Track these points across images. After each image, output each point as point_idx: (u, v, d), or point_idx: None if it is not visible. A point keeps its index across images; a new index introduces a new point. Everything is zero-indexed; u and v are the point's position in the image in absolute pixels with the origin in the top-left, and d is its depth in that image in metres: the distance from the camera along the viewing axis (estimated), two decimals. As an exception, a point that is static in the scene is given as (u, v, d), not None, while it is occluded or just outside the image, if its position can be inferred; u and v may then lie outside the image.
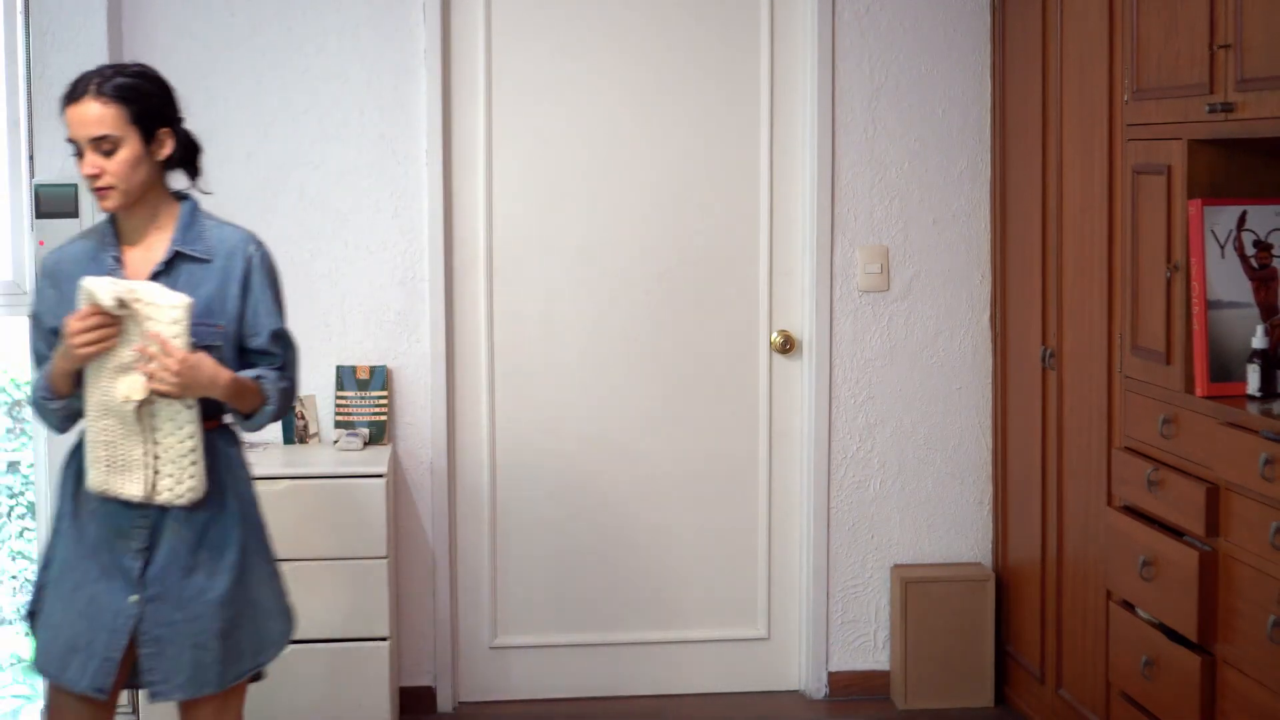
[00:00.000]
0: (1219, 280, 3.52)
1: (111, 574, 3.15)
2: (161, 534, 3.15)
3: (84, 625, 3.14)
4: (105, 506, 3.14)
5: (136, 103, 3.14)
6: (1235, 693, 3.38)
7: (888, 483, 5.01)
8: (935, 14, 4.91)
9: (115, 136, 3.12)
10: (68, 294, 3.15)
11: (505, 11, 4.83)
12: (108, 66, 3.20)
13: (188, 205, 3.29)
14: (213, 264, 3.21)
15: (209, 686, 3.17)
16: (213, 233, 3.26)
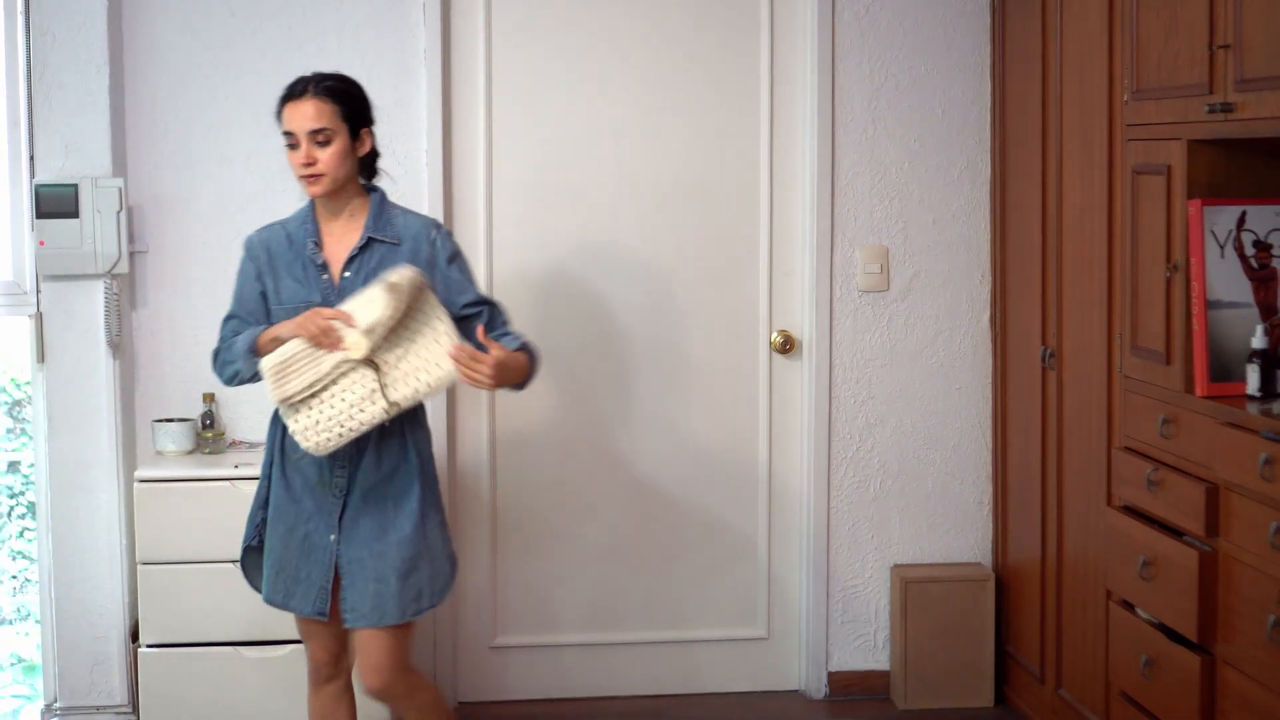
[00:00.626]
0: (1219, 280, 3.52)
1: (317, 515, 3.63)
2: (355, 482, 3.61)
3: (302, 560, 3.64)
4: (304, 460, 3.61)
5: (347, 103, 3.61)
6: (1235, 693, 3.38)
7: (888, 483, 5.02)
8: (935, 14, 4.91)
9: (329, 130, 3.57)
10: (271, 267, 3.65)
11: (505, 11, 4.83)
12: (319, 72, 3.66)
13: (377, 196, 3.70)
14: (400, 248, 3.62)
15: (389, 618, 3.60)
16: (399, 220, 3.66)
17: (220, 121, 4.75)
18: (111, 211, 4.54)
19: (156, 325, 4.78)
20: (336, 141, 3.58)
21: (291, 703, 4.49)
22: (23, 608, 5.19)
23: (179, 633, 4.48)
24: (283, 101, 3.63)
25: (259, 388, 4.80)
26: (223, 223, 4.78)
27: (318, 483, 3.63)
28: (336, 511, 3.63)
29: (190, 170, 4.76)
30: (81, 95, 4.55)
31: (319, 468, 3.61)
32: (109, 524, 4.65)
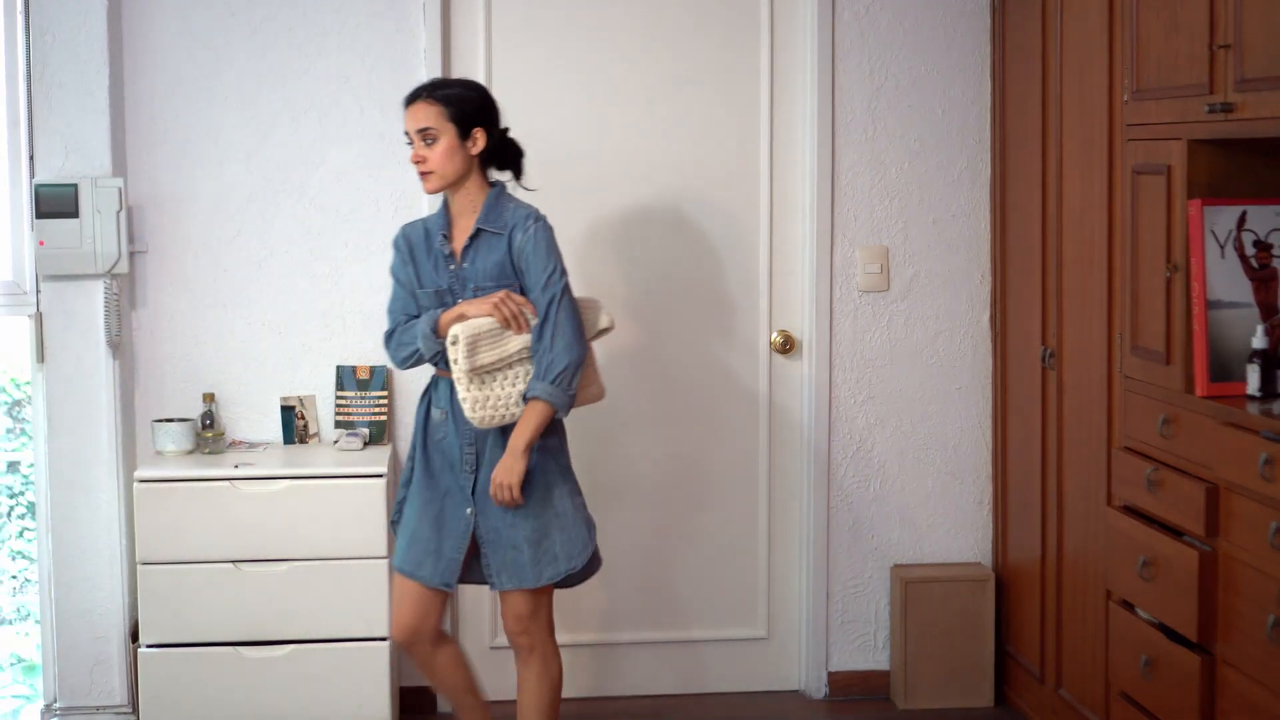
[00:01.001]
0: (1219, 280, 3.52)
1: (454, 491, 3.94)
2: (483, 458, 3.91)
3: (434, 533, 3.94)
4: (445, 439, 3.94)
5: (454, 105, 3.87)
6: (1235, 692, 3.38)
7: (888, 483, 5.02)
8: (935, 14, 4.91)
9: (435, 130, 3.86)
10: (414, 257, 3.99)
11: (505, 11, 4.83)
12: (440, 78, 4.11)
13: (494, 190, 3.97)
14: (503, 236, 3.90)
15: (526, 582, 3.91)
16: (509, 210, 3.93)
17: (220, 121, 4.76)
18: (111, 211, 4.54)
19: (156, 325, 4.78)
20: (443, 140, 3.86)
21: (292, 703, 4.50)
22: (23, 608, 5.19)
23: (179, 633, 4.48)
24: (403, 105, 3.94)
25: (259, 386, 4.83)
26: (223, 223, 4.78)
27: (456, 461, 3.93)
28: (469, 486, 3.92)
29: (190, 170, 4.76)
30: (81, 95, 4.55)
31: (456, 446, 3.93)
32: (109, 524, 4.65)
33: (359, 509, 4.48)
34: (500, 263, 3.89)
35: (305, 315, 4.83)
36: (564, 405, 3.87)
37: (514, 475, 3.83)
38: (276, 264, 4.81)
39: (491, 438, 3.90)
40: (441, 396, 3.95)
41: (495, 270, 3.88)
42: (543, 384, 3.84)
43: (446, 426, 3.93)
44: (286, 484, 4.49)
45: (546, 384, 3.84)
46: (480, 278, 3.89)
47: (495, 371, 3.85)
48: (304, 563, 4.49)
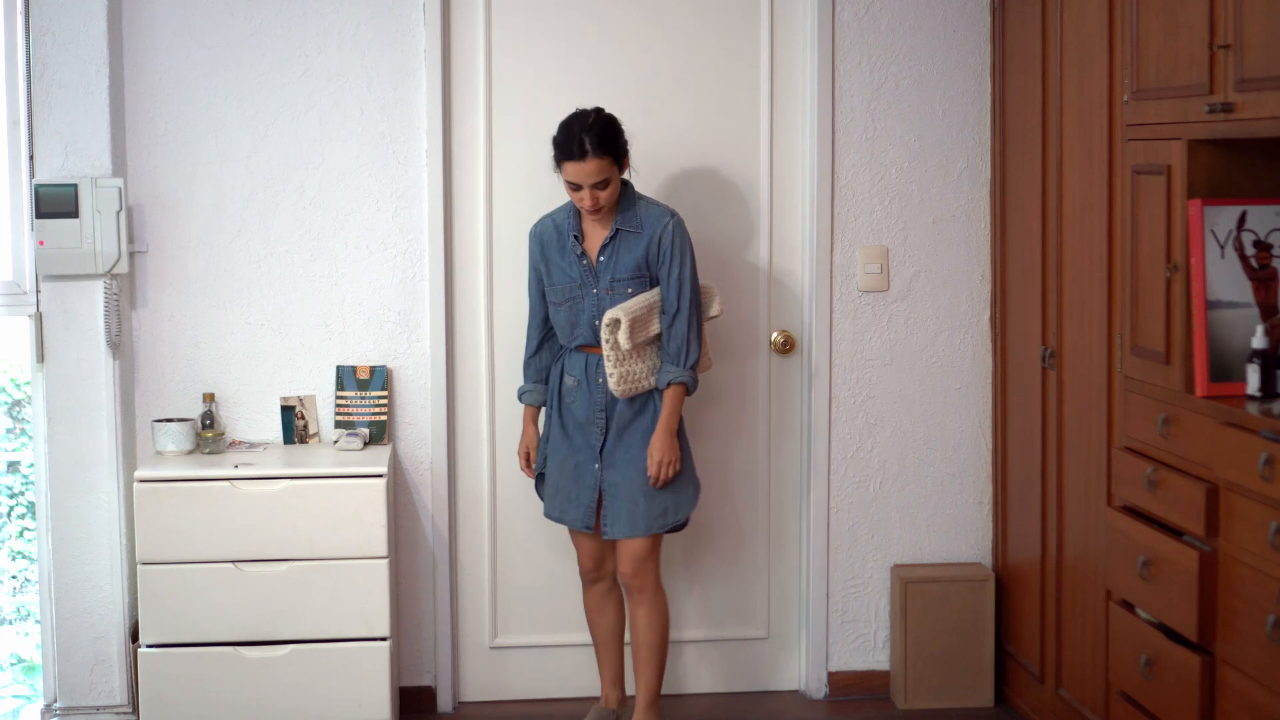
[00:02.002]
0: (1219, 280, 3.52)
1: (585, 449, 4.46)
2: (611, 422, 4.42)
3: (573, 484, 4.48)
4: (578, 403, 4.44)
5: (614, 151, 4.33)
6: (1235, 692, 3.38)
7: (888, 483, 5.02)
8: (935, 14, 4.91)
9: (609, 178, 4.32)
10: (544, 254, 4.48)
11: (505, 11, 4.83)
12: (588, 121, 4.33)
13: (627, 192, 4.42)
14: (641, 235, 4.39)
15: (638, 530, 4.41)
16: (642, 210, 4.42)
17: (220, 121, 4.76)
18: (111, 211, 4.54)
19: (156, 325, 4.78)
20: (613, 182, 4.34)
21: (292, 703, 4.50)
22: (23, 608, 5.19)
23: (179, 633, 4.48)
24: (563, 159, 4.30)
25: (259, 386, 4.82)
26: (223, 222, 4.78)
27: (586, 422, 4.43)
28: (598, 445, 4.43)
29: (190, 170, 4.76)
30: (81, 95, 4.55)
31: (587, 410, 4.43)
32: (109, 524, 4.65)
33: (359, 509, 4.48)
34: (638, 260, 4.38)
35: (305, 315, 4.83)
36: (695, 386, 4.44)
37: (674, 452, 4.37)
38: (276, 264, 4.81)
39: (620, 405, 4.40)
40: (575, 366, 4.45)
41: (632, 266, 4.38)
42: (680, 370, 4.38)
43: (579, 393, 4.43)
44: (286, 484, 4.49)
45: (684, 369, 4.38)
46: (617, 271, 4.37)
47: (637, 350, 4.35)
48: (304, 563, 4.49)
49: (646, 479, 4.41)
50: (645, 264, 4.40)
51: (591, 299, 4.41)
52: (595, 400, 4.44)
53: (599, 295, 4.40)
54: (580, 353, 4.46)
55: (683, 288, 4.40)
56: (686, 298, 4.40)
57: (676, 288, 4.40)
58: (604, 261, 4.40)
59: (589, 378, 4.43)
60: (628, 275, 4.39)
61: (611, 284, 4.39)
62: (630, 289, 4.39)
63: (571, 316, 4.44)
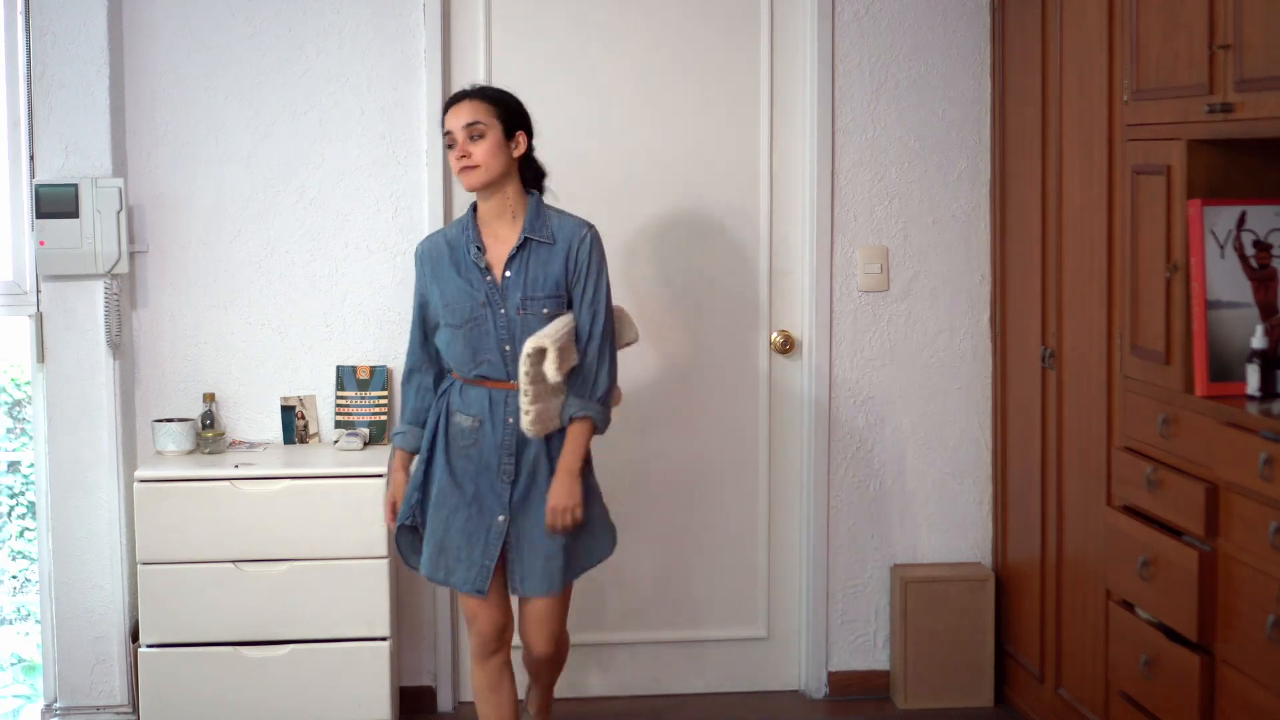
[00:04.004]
0: (1219, 280, 3.52)
1: (486, 497, 3.90)
2: (521, 468, 3.89)
3: (463, 540, 3.91)
4: (475, 446, 3.90)
5: (499, 104, 3.90)
6: (1235, 692, 3.38)
7: (888, 483, 5.02)
8: (935, 14, 4.91)
9: (482, 124, 3.84)
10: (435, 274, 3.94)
11: (505, 11, 4.84)
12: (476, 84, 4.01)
13: (534, 199, 3.96)
14: (555, 247, 3.90)
15: (556, 586, 3.94)
16: (554, 220, 3.94)
17: (220, 121, 4.76)
18: (111, 211, 4.55)
19: (156, 325, 4.78)
20: (490, 135, 3.85)
21: (292, 703, 4.50)
22: (23, 608, 5.19)
23: (179, 633, 4.48)
24: (444, 110, 3.92)
25: (259, 386, 4.82)
26: (223, 223, 4.79)
27: (488, 468, 3.90)
28: (506, 494, 3.90)
29: (190, 170, 4.76)
30: (81, 95, 4.56)
31: (493, 454, 3.89)
32: (109, 524, 4.65)
33: (359, 509, 4.48)
34: (556, 276, 3.88)
35: (305, 315, 4.83)
36: (605, 423, 3.96)
37: (575, 497, 3.88)
38: (276, 264, 4.81)
39: (533, 445, 3.89)
40: (473, 402, 3.90)
41: (551, 284, 3.88)
42: (590, 404, 3.90)
43: (479, 434, 3.89)
44: (286, 484, 4.49)
45: (594, 404, 3.91)
46: (530, 289, 3.86)
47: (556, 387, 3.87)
48: (304, 563, 4.49)
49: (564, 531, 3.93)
50: (564, 281, 3.90)
51: (499, 321, 3.86)
52: (504, 442, 3.88)
53: (509, 316, 3.86)
54: (479, 387, 3.90)
55: (597, 311, 3.91)
56: (600, 322, 3.91)
57: (590, 310, 3.91)
58: (511, 277, 3.86)
59: (493, 416, 3.88)
60: (544, 294, 3.87)
61: (524, 303, 3.85)
62: (546, 309, 3.87)
63: (473, 342, 3.87)
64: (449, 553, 3.92)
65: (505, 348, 3.86)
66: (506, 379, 3.86)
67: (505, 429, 3.87)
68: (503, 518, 3.90)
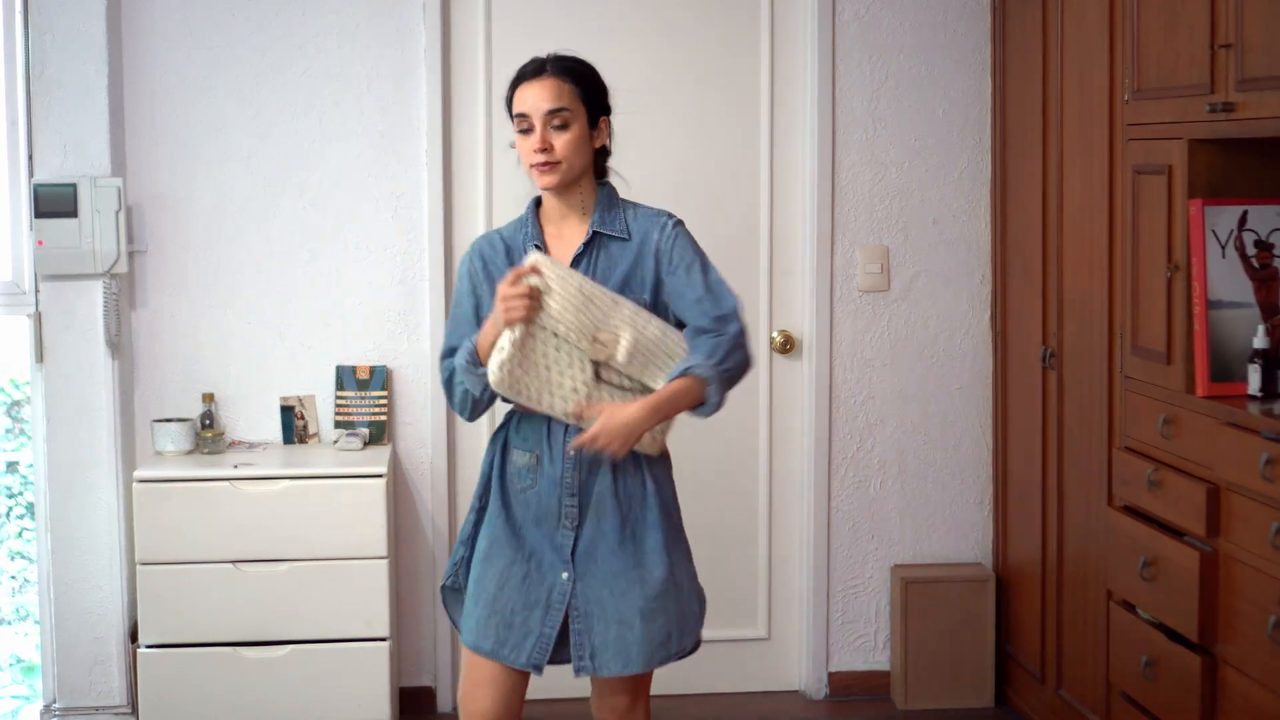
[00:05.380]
0: (1220, 280, 3.52)
1: (545, 551, 3.24)
2: (586, 511, 3.24)
3: (520, 602, 3.24)
4: (534, 489, 3.25)
5: (586, 85, 3.24)
6: (1235, 693, 3.38)
7: (888, 483, 5.02)
8: (935, 14, 4.91)
9: (568, 112, 3.19)
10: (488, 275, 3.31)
11: (505, 11, 4.83)
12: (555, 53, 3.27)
13: (606, 189, 3.33)
14: (630, 242, 3.26)
15: (634, 665, 3.24)
16: (630, 213, 3.31)
17: (220, 121, 4.75)
18: (110, 211, 4.54)
19: (156, 325, 4.77)
20: (575, 125, 3.20)
21: (292, 703, 4.49)
22: (22, 608, 5.18)
23: (178, 633, 4.47)
24: (515, 83, 3.24)
25: (259, 386, 4.82)
26: (223, 223, 4.78)
27: (547, 513, 3.24)
28: (569, 545, 3.23)
29: (190, 170, 4.75)
30: (81, 95, 4.55)
31: (551, 494, 3.23)
32: (108, 524, 4.65)
33: (359, 509, 4.48)
34: (627, 273, 3.24)
35: (305, 315, 4.83)
36: (716, 400, 3.18)
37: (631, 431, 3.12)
38: (276, 264, 4.81)
39: (600, 488, 3.23)
40: (529, 436, 3.26)
41: (620, 283, 3.23)
42: (707, 363, 3.16)
43: (538, 474, 3.24)
44: (286, 484, 4.48)
45: (711, 364, 3.16)
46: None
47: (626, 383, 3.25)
48: (304, 563, 4.49)
49: (644, 592, 3.24)
50: (640, 279, 3.25)
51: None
52: (563, 480, 3.23)
53: None
54: (537, 417, 3.25)
55: (719, 296, 3.23)
56: (731, 302, 3.24)
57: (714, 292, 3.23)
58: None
59: (551, 448, 3.23)
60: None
61: None
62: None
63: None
64: (502, 617, 3.25)
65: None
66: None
67: (565, 463, 3.23)
68: (567, 575, 3.23)
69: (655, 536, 3.28)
